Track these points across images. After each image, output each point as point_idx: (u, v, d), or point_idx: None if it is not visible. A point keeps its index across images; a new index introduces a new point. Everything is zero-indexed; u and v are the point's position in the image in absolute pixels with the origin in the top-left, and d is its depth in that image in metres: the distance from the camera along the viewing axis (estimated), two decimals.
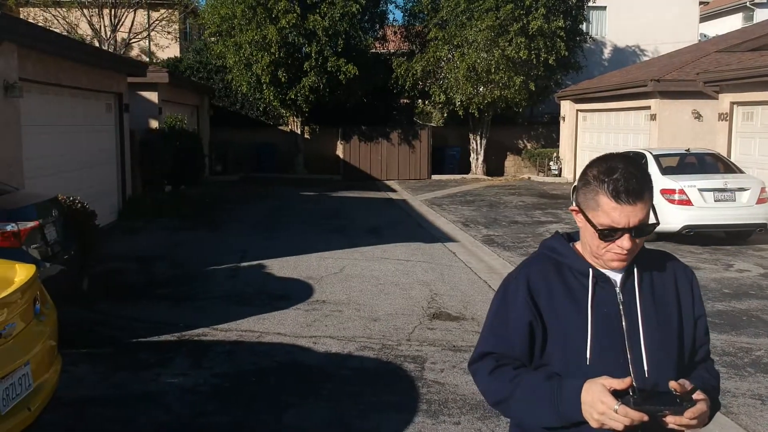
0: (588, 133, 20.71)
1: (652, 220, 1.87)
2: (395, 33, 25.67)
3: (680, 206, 10.88)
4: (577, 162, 21.18)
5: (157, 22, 25.20)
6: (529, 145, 25.97)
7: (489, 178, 24.31)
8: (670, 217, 10.95)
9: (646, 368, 1.87)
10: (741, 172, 11.75)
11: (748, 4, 32.46)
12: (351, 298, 7.84)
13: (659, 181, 11.30)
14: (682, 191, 10.91)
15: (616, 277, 1.93)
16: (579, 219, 1.93)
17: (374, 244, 11.28)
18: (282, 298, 7.84)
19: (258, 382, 5.35)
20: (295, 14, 20.56)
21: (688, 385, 1.76)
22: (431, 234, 12.60)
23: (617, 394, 1.71)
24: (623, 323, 1.89)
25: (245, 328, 6.70)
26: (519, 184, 22.73)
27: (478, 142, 24.47)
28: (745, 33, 20.60)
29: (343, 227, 13.20)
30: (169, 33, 25.84)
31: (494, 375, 1.93)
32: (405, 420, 4.71)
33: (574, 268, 1.95)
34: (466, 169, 25.04)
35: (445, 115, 26.65)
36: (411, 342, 6.34)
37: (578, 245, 2.00)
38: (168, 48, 26.76)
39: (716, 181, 11.06)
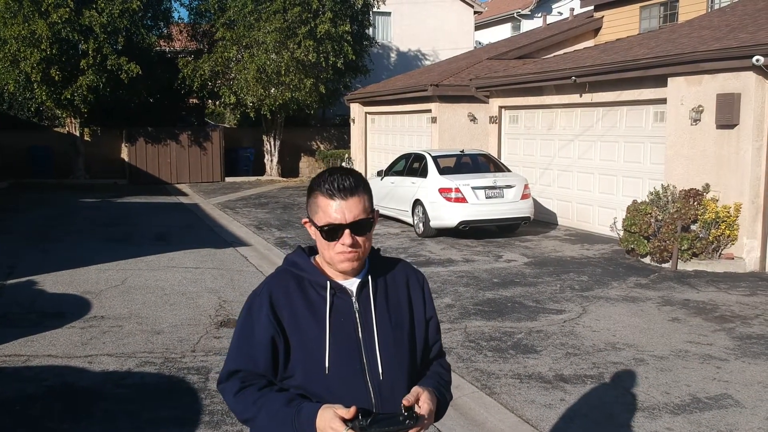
0: (377, 134, 21.49)
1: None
2: (181, 32, 24.84)
3: (456, 203, 11.70)
4: (367, 162, 21.89)
5: None
6: (322, 147, 26.42)
7: (284, 179, 24.40)
8: (448, 214, 11.76)
9: (381, 371, 2.00)
10: (508, 170, 12.87)
11: (515, 15, 35.72)
12: (133, 312, 7.49)
13: (437, 180, 12.08)
14: (457, 189, 11.73)
15: (353, 288, 2.05)
16: (311, 230, 2.04)
17: (161, 252, 10.86)
18: (55, 316, 7.29)
19: (22, 410, 4.94)
20: (67, 9, 19.15)
21: (416, 396, 1.91)
22: (223, 239, 12.40)
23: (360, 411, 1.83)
24: (359, 331, 2.01)
25: (9, 352, 6.15)
26: None
27: (272, 143, 24.46)
28: (512, 42, 22.57)
29: (127, 235, 12.54)
30: None
31: (239, 397, 1.99)
32: None
33: (313, 282, 2.04)
34: (260, 170, 24.91)
35: (238, 116, 26.31)
36: (196, 353, 6.21)
37: (318, 259, 2.10)
38: None
39: (487, 179, 12.04)
